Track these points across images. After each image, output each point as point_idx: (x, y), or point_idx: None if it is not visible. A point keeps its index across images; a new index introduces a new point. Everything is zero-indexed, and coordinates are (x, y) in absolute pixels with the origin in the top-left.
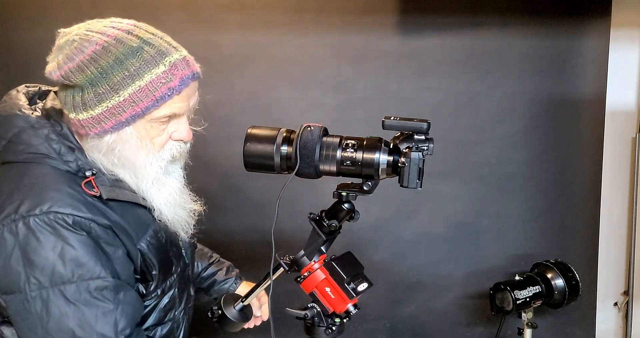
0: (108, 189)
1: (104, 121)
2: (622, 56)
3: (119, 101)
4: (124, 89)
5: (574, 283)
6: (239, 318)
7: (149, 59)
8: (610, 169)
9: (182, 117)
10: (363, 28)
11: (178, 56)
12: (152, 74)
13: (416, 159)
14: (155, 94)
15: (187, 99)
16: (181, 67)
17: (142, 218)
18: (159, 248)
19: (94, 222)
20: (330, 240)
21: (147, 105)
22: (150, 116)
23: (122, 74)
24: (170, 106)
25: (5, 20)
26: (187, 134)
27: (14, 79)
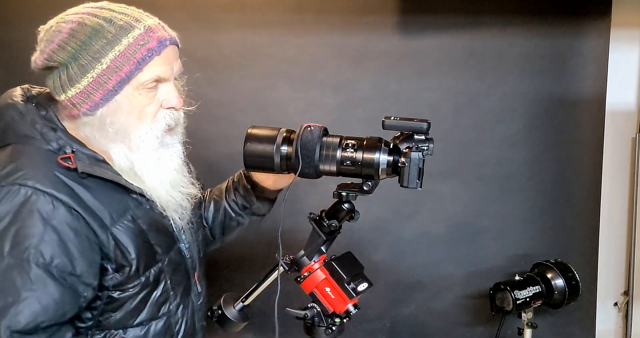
0: (86, 164)
1: (93, 93)
2: (622, 56)
3: (103, 69)
4: (105, 56)
5: (574, 283)
6: (239, 318)
7: (124, 25)
8: (610, 169)
9: (169, 84)
10: (363, 28)
11: (152, 21)
12: (130, 38)
13: (416, 159)
14: (136, 57)
15: (169, 62)
16: (157, 30)
17: (120, 202)
18: (138, 234)
19: (56, 199)
20: (330, 240)
21: (130, 69)
22: (136, 81)
23: (100, 42)
24: (152, 68)
25: (5, 20)
26: (177, 100)
27: (14, 79)
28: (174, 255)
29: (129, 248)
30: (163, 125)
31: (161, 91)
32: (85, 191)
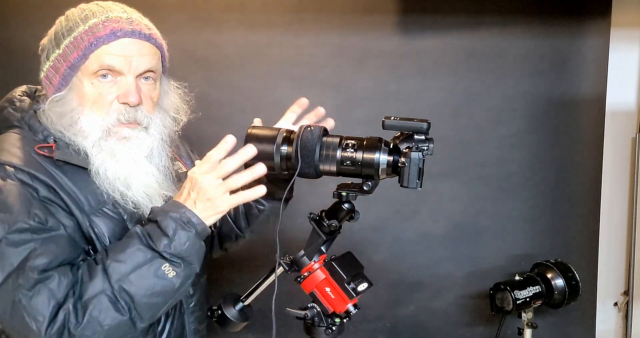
0: (63, 152)
1: (52, 78)
2: (622, 56)
3: (58, 53)
4: (62, 42)
5: (574, 283)
6: (239, 318)
7: (89, 14)
8: (610, 169)
9: (126, 78)
10: (363, 28)
11: (121, 13)
12: (85, 26)
13: (416, 159)
14: (83, 44)
15: (123, 54)
16: (117, 22)
17: (99, 189)
18: (117, 223)
19: (35, 178)
20: (330, 240)
21: (78, 55)
22: (85, 69)
23: (64, 29)
24: (99, 57)
25: (5, 20)
26: (133, 97)
27: (14, 79)
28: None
29: (105, 234)
30: (113, 119)
31: (119, 84)
32: (64, 176)
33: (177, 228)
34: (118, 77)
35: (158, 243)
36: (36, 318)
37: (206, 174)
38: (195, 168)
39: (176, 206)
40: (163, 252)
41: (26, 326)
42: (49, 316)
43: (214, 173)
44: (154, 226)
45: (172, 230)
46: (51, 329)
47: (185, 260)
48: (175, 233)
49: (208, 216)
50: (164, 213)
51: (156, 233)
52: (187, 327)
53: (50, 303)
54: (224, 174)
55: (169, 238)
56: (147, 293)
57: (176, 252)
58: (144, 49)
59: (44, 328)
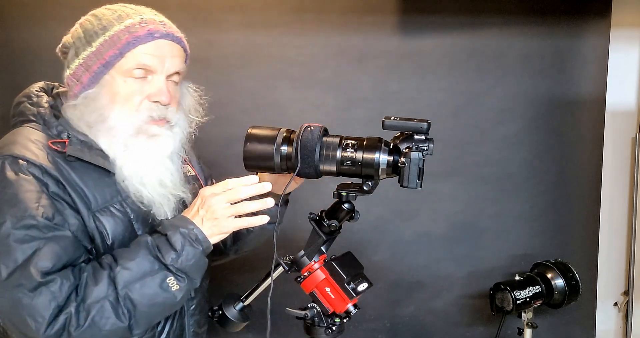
0: (76, 149)
1: (82, 75)
2: (622, 56)
3: (91, 51)
4: (96, 40)
5: (574, 283)
6: (239, 318)
7: (123, 15)
8: (610, 169)
9: (159, 77)
10: (363, 28)
11: (154, 16)
12: (122, 25)
13: (416, 159)
14: (120, 43)
15: (158, 55)
16: (152, 23)
17: (108, 187)
18: (122, 222)
19: (46, 173)
20: (330, 240)
21: (114, 53)
22: (120, 67)
23: (97, 28)
24: (136, 56)
25: (5, 20)
26: (165, 96)
27: (14, 79)
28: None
29: (108, 233)
30: (145, 116)
31: (150, 83)
32: (73, 172)
33: (185, 243)
34: (149, 76)
35: (166, 256)
36: (36, 319)
37: (217, 196)
38: (209, 188)
39: (185, 221)
40: (170, 265)
41: (25, 324)
42: (49, 317)
43: (225, 195)
44: (163, 239)
45: (180, 245)
46: (50, 330)
47: (189, 275)
48: (183, 248)
49: (213, 235)
50: (174, 227)
51: (165, 247)
52: (186, 330)
53: (51, 305)
54: (234, 199)
55: (177, 252)
56: (149, 302)
57: (182, 267)
58: (175, 51)
59: (43, 329)
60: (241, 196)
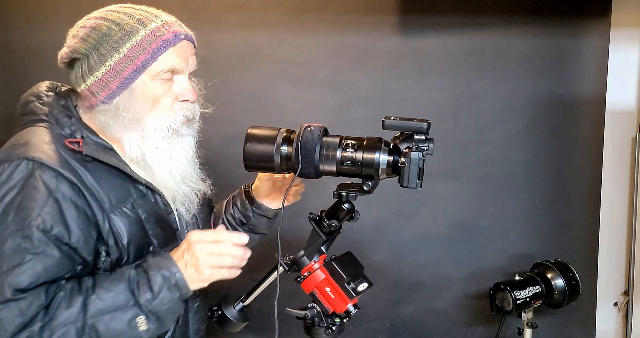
0: (92, 148)
1: (110, 81)
2: (622, 56)
3: (120, 57)
4: (123, 45)
5: (574, 283)
6: (239, 318)
7: (142, 18)
8: (610, 169)
9: (183, 76)
10: (363, 28)
11: (169, 18)
12: (147, 30)
13: (416, 159)
14: (152, 46)
15: (183, 56)
16: (173, 25)
17: (122, 189)
18: (135, 223)
19: (60, 175)
20: (330, 240)
21: (146, 58)
22: (151, 71)
23: (120, 33)
24: (167, 59)
25: (5, 20)
26: (191, 94)
27: (14, 79)
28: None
29: (123, 233)
30: (181, 117)
31: (176, 83)
32: (88, 173)
33: (164, 287)
34: (174, 76)
35: (143, 295)
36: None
37: (204, 244)
38: (197, 233)
39: (170, 263)
40: (143, 305)
41: None
42: (11, 332)
43: (212, 246)
44: (145, 277)
45: (158, 287)
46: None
47: (161, 318)
48: (160, 291)
49: (194, 281)
50: (157, 268)
51: (144, 285)
52: (190, 326)
53: (16, 321)
54: (219, 253)
55: (153, 294)
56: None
57: (155, 310)
58: (192, 49)
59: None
60: (225, 250)
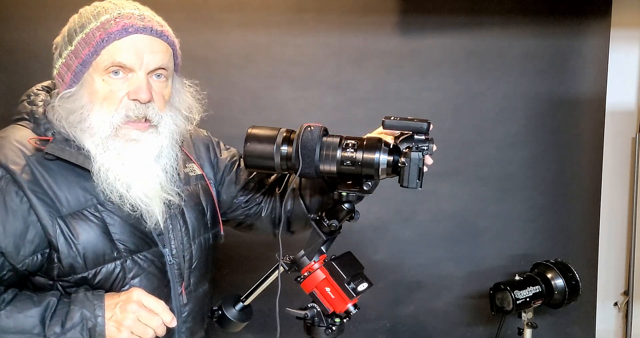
0: (57, 147)
1: (64, 75)
2: (622, 56)
3: (70, 50)
4: (74, 38)
5: (574, 283)
6: (239, 318)
7: (101, 11)
8: (610, 169)
9: (137, 74)
10: (363, 28)
11: (132, 10)
12: (97, 22)
13: (416, 159)
14: (95, 40)
15: (134, 51)
16: (129, 18)
17: (84, 190)
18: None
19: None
20: (330, 240)
21: (89, 51)
22: (96, 66)
23: (76, 26)
24: (110, 53)
25: (5, 20)
26: (143, 93)
27: (14, 79)
28: (147, 257)
29: (78, 237)
30: (122, 115)
31: (130, 81)
32: (46, 174)
33: (77, 327)
34: (129, 73)
35: (51, 327)
36: None
37: (139, 308)
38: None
39: (98, 306)
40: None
41: None
42: None
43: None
44: (65, 309)
45: (71, 324)
46: None
47: None
48: (70, 329)
49: (110, 335)
50: (82, 305)
51: (59, 317)
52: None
53: None
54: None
55: (63, 330)
56: None
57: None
58: (155, 46)
59: None
60: (154, 325)
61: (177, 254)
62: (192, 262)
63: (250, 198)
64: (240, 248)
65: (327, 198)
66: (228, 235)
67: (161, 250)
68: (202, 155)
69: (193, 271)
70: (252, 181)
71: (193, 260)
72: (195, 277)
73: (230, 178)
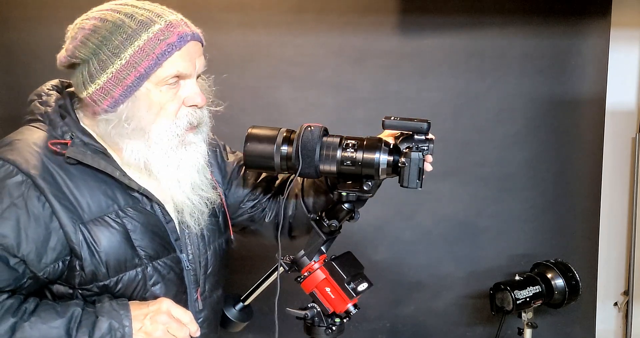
0: (78, 150)
1: (112, 90)
2: (622, 56)
3: (122, 64)
4: (124, 51)
5: (574, 283)
6: (239, 318)
7: (144, 20)
8: (610, 169)
9: (191, 80)
10: (363, 28)
11: (174, 16)
12: (150, 33)
13: (416, 159)
14: (155, 52)
15: (190, 58)
16: (178, 25)
17: (107, 196)
18: (117, 233)
19: (29, 182)
20: (330, 240)
21: (149, 64)
22: (155, 77)
23: (120, 37)
24: (173, 64)
25: (5, 20)
26: (200, 98)
27: (14, 79)
28: (167, 264)
29: (100, 244)
30: (185, 123)
31: (183, 88)
32: (68, 178)
33: (105, 337)
34: (181, 80)
35: (78, 336)
36: None
37: (171, 320)
38: (171, 304)
39: (126, 316)
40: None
41: None
42: None
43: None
44: (92, 319)
45: (99, 334)
46: None
47: None
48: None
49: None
50: (109, 315)
51: (85, 328)
52: None
53: None
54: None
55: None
56: None
57: None
58: (199, 49)
59: None
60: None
61: (194, 260)
62: (208, 268)
63: (257, 203)
64: (240, 248)
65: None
66: None
67: (179, 255)
68: (211, 160)
69: (208, 277)
70: (259, 186)
71: (208, 266)
72: (210, 283)
73: (238, 182)
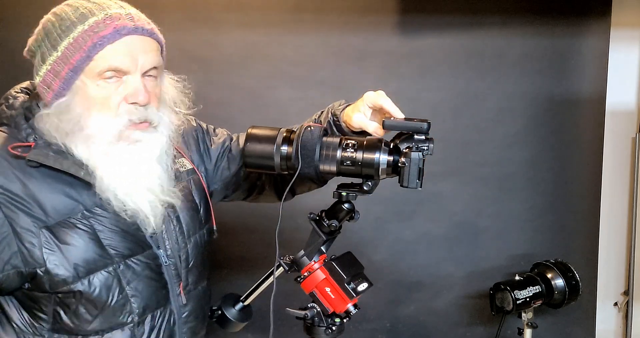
0: (40, 153)
1: (52, 83)
2: (622, 56)
3: (57, 56)
4: (60, 43)
5: (574, 283)
6: (239, 318)
7: (85, 12)
8: (610, 169)
9: (133, 77)
10: (363, 28)
11: (119, 9)
12: (85, 25)
13: (416, 159)
14: (87, 44)
15: (129, 53)
16: (118, 19)
17: (70, 198)
18: (84, 234)
19: None
20: (330, 240)
21: (81, 57)
22: (90, 71)
23: (59, 29)
24: (106, 58)
25: (5, 20)
26: (142, 96)
27: (14, 79)
28: (142, 261)
29: (65, 246)
30: (125, 120)
31: (126, 84)
32: (30, 182)
33: None
34: (124, 76)
35: None
36: None
37: None
38: None
39: None
40: None
41: None
42: None
43: None
44: None
45: None
46: None
47: None
48: None
49: None
50: None
51: None
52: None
53: None
54: None
55: None
56: None
57: None
58: (147, 45)
59: None
60: None
61: (173, 254)
62: (189, 261)
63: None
64: (239, 248)
65: None
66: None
67: (155, 251)
68: (192, 147)
69: (191, 269)
70: None
71: (190, 259)
72: (194, 276)
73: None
